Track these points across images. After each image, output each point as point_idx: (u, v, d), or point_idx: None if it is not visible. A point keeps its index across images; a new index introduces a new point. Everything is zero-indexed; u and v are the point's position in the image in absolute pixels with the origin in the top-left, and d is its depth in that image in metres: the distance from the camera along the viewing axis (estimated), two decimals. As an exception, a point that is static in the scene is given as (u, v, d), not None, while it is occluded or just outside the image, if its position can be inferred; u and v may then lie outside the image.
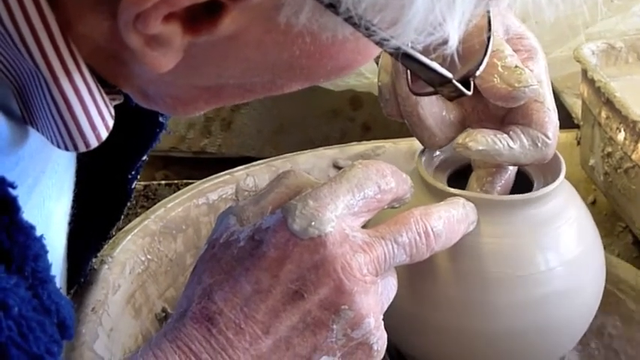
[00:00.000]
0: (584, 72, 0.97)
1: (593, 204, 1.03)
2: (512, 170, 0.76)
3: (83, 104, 0.49)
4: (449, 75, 0.55)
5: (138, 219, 0.88)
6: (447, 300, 0.71)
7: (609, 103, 0.91)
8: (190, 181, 1.01)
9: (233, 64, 0.49)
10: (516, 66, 0.70)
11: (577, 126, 1.07)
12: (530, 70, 0.72)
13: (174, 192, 0.95)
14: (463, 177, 0.77)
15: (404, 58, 0.50)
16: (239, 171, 0.96)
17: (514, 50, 0.73)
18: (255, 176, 0.96)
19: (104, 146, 0.52)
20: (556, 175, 0.74)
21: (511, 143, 0.72)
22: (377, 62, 0.77)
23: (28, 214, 0.48)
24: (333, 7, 0.45)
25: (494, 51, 0.70)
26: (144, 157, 0.73)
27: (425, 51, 0.50)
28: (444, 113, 0.75)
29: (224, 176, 0.95)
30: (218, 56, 0.49)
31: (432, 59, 0.51)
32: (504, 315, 0.71)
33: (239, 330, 0.57)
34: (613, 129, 0.91)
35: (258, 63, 0.49)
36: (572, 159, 1.02)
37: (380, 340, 0.61)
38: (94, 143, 0.51)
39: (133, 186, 0.75)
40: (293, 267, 0.58)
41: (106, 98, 0.51)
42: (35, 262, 0.49)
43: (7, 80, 0.50)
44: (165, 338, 0.57)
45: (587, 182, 1.03)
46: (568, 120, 1.11)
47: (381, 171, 0.63)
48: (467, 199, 0.69)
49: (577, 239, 0.74)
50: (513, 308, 0.71)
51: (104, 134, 0.51)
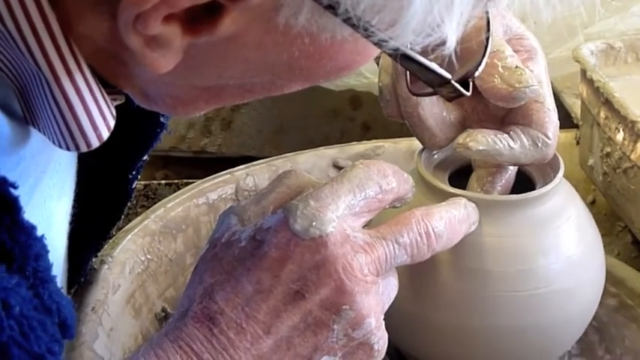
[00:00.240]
0: (583, 72, 0.96)
1: (592, 204, 1.03)
2: (512, 170, 0.76)
3: (84, 104, 0.49)
4: (447, 76, 0.55)
5: (138, 219, 0.88)
6: (448, 300, 0.72)
7: (608, 103, 0.91)
8: (190, 181, 1.01)
9: (233, 65, 0.49)
10: (517, 66, 0.70)
11: (576, 126, 1.07)
12: (530, 71, 0.72)
13: (174, 192, 0.95)
14: (463, 176, 0.77)
15: (403, 59, 0.51)
16: (239, 171, 0.96)
17: (514, 51, 0.73)
18: (255, 176, 0.96)
19: (105, 146, 0.52)
20: (555, 175, 0.74)
21: (511, 143, 0.72)
22: (377, 63, 0.77)
23: (30, 214, 0.48)
24: (332, 9, 0.45)
25: (494, 51, 0.70)
26: (145, 157, 0.73)
27: (423, 52, 0.50)
28: (445, 114, 0.75)
29: (224, 176, 0.95)
30: (218, 57, 0.49)
31: (431, 60, 0.51)
32: (505, 314, 0.71)
33: (240, 330, 0.57)
34: (612, 129, 0.91)
35: (257, 64, 0.49)
36: (571, 159, 1.02)
37: (381, 340, 0.61)
38: (96, 143, 0.51)
39: (134, 186, 0.74)
40: (294, 267, 0.58)
41: (108, 98, 0.51)
42: (36, 262, 0.49)
43: (9, 80, 0.50)
44: (166, 338, 0.58)
45: (586, 182, 1.03)
46: (567, 120, 1.11)
47: (383, 171, 0.63)
48: (467, 199, 0.69)
49: (577, 238, 0.74)
50: (514, 307, 0.71)
51: (106, 134, 0.51)
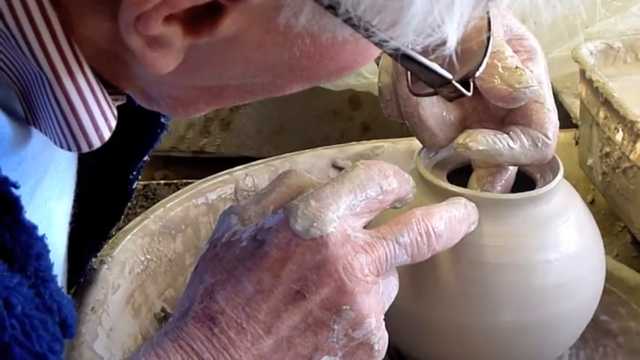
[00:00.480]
0: (582, 72, 0.97)
1: (591, 204, 1.03)
2: (512, 170, 0.76)
3: (86, 104, 0.49)
4: (448, 76, 0.55)
5: (137, 219, 0.87)
6: (448, 299, 0.72)
7: (607, 103, 0.91)
8: (190, 181, 1.01)
9: (233, 65, 0.49)
10: (517, 67, 0.70)
11: (575, 126, 1.07)
12: (530, 71, 0.72)
13: (173, 192, 0.95)
14: (463, 177, 0.77)
15: (403, 59, 0.51)
16: (238, 171, 0.96)
17: (514, 51, 0.73)
18: (254, 176, 0.96)
19: (106, 146, 0.52)
20: (554, 175, 0.74)
21: (511, 143, 0.72)
22: (377, 63, 0.77)
23: (30, 214, 0.48)
24: (333, 9, 0.45)
25: (494, 52, 0.70)
26: (145, 158, 0.73)
27: (424, 52, 0.50)
28: (445, 114, 0.75)
29: (223, 176, 0.95)
30: (218, 57, 0.49)
31: (432, 60, 0.51)
32: (505, 313, 0.71)
33: (241, 329, 0.57)
34: (611, 129, 0.91)
35: (258, 64, 0.49)
36: (570, 159, 1.02)
37: (381, 340, 0.61)
38: (97, 143, 0.51)
39: (134, 186, 0.74)
40: (295, 267, 0.58)
41: (109, 99, 0.51)
42: (37, 262, 0.49)
43: (11, 81, 0.50)
44: (167, 337, 0.58)
45: (585, 182, 1.03)
46: (566, 120, 1.11)
47: (384, 171, 0.63)
48: (468, 198, 0.70)
49: (577, 237, 0.74)
50: (514, 307, 0.71)
51: (107, 134, 0.51)
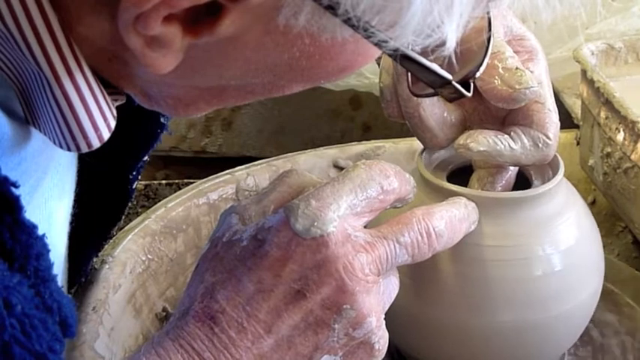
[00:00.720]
0: (583, 72, 0.97)
1: (592, 204, 1.03)
2: (512, 171, 0.76)
3: (85, 104, 0.49)
4: (448, 76, 0.55)
5: (138, 218, 0.88)
6: (449, 299, 0.72)
7: (608, 104, 0.91)
8: (191, 181, 1.01)
9: (233, 65, 0.49)
10: (517, 67, 0.70)
11: (576, 126, 1.07)
12: (530, 72, 0.72)
13: (174, 192, 0.95)
14: (463, 177, 0.77)
15: (403, 60, 0.51)
16: (239, 171, 0.96)
17: (515, 51, 0.73)
18: (255, 176, 0.96)
19: (105, 146, 0.52)
20: (555, 174, 0.74)
21: (512, 144, 0.72)
22: (378, 63, 0.77)
23: (30, 214, 0.49)
24: (332, 9, 0.45)
25: (494, 52, 0.70)
26: (145, 158, 0.73)
27: (423, 53, 0.50)
28: (446, 114, 0.75)
29: (224, 176, 0.95)
30: (218, 57, 0.49)
31: (431, 61, 0.51)
32: (505, 313, 0.71)
33: (241, 329, 0.57)
34: (612, 129, 0.91)
35: (258, 64, 0.49)
36: (571, 159, 1.02)
37: (381, 340, 0.61)
38: (96, 144, 0.51)
39: (134, 186, 0.74)
40: (295, 266, 0.58)
41: (108, 99, 0.51)
42: (37, 261, 0.49)
43: (10, 81, 0.50)
44: (167, 337, 0.58)
45: (586, 182, 1.03)
46: (568, 120, 1.11)
47: (384, 171, 0.63)
48: (468, 197, 0.70)
49: (577, 237, 0.74)
50: (514, 305, 0.71)
51: (106, 135, 0.51)
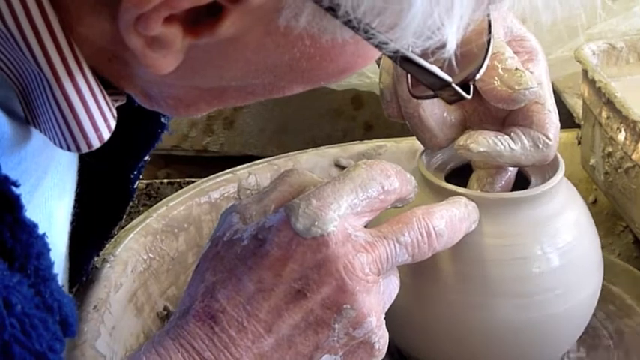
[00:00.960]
0: (584, 72, 0.96)
1: (593, 204, 1.03)
2: (512, 171, 0.76)
3: (85, 105, 0.50)
4: (448, 79, 0.55)
5: (140, 217, 0.88)
6: (449, 298, 0.72)
7: (610, 104, 0.91)
8: (192, 180, 1.01)
9: (234, 66, 0.50)
10: (516, 68, 0.70)
11: (578, 126, 1.07)
12: (530, 72, 0.72)
13: (176, 190, 0.95)
14: (463, 177, 0.77)
15: (403, 62, 0.51)
16: (241, 170, 0.96)
17: (514, 52, 0.73)
18: (257, 175, 0.96)
19: (106, 146, 0.52)
20: (555, 174, 0.74)
21: (512, 144, 0.72)
22: (378, 63, 0.77)
23: (31, 213, 0.49)
24: (333, 11, 0.45)
25: (494, 53, 0.70)
26: (146, 157, 0.73)
27: (424, 55, 0.50)
28: (445, 115, 0.75)
29: (226, 175, 0.95)
30: (218, 58, 0.49)
31: (431, 63, 0.51)
32: (505, 313, 0.71)
33: (241, 328, 0.58)
34: (613, 129, 0.91)
35: (258, 65, 0.49)
36: (572, 159, 1.02)
37: (382, 339, 0.61)
38: (96, 144, 0.51)
39: (136, 186, 0.74)
40: (296, 266, 0.58)
41: (109, 99, 0.51)
42: (38, 260, 0.49)
43: (11, 81, 0.50)
44: (167, 336, 0.58)
45: (587, 182, 1.03)
46: (569, 120, 1.11)
47: (385, 171, 0.63)
48: (468, 198, 0.70)
49: (577, 237, 0.74)
50: (514, 306, 0.71)
51: (106, 135, 0.51)
